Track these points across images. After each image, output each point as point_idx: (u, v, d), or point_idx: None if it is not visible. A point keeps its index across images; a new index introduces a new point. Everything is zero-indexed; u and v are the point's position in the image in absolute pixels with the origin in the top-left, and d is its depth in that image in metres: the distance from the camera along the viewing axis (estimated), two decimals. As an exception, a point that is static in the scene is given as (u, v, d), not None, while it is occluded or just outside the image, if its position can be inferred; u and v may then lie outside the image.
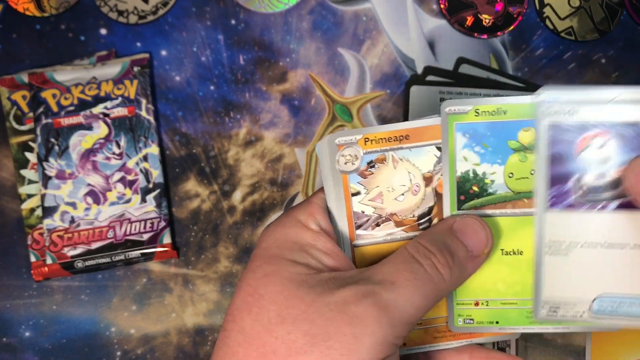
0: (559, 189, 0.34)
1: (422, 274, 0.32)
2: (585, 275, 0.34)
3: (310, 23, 0.54)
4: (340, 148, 0.35)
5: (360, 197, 0.36)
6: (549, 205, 0.34)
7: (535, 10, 0.54)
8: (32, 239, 0.51)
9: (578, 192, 0.34)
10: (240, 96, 0.53)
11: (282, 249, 0.33)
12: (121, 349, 0.51)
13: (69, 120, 0.51)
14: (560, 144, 0.34)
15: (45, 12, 0.54)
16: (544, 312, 0.35)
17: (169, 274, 0.52)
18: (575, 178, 0.34)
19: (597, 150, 0.34)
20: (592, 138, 0.34)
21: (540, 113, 0.34)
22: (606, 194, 0.34)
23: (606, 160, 0.34)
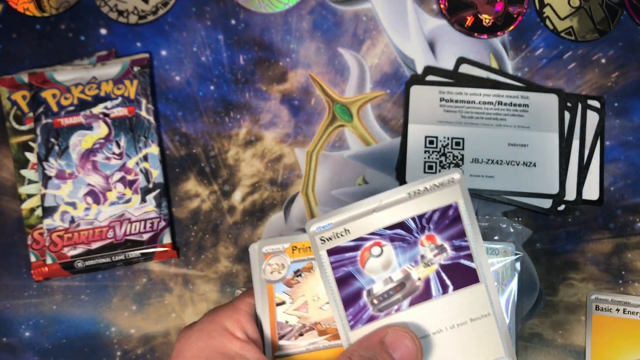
0: (355, 307, 0.36)
1: None
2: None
3: (310, 23, 0.54)
4: (268, 257, 0.36)
5: (285, 307, 0.36)
6: (350, 327, 0.35)
7: (535, 10, 0.54)
8: (32, 239, 0.51)
9: (373, 303, 0.36)
10: (240, 96, 0.53)
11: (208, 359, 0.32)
12: (121, 349, 0.51)
13: (69, 120, 0.51)
14: (344, 265, 0.36)
15: (45, 12, 0.54)
16: None
17: (169, 274, 0.52)
18: (366, 291, 0.36)
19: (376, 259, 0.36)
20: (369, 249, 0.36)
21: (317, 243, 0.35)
22: (397, 295, 0.36)
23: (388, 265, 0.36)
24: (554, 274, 0.51)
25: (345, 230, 0.35)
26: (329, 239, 0.35)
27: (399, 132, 0.53)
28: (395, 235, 0.36)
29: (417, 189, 0.36)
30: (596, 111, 0.52)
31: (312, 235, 0.35)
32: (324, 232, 0.35)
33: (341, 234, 0.35)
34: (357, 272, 0.36)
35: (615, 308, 0.49)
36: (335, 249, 0.36)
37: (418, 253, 0.36)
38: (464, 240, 0.36)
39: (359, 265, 0.36)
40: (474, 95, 0.52)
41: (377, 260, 0.35)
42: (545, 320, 0.50)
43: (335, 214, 0.35)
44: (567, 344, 0.50)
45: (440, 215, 0.36)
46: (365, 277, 0.35)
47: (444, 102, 0.52)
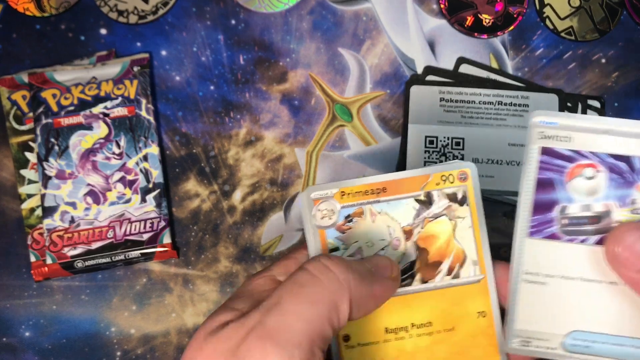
0: (542, 216, 0.33)
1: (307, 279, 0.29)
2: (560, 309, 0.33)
3: (310, 23, 0.54)
4: (316, 202, 0.35)
5: (338, 253, 0.35)
6: (529, 232, 0.34)
7: (535, 10, 0.54)
8: (32, 239, 0.51)
9: (561, 222, 0.33)
10: (240, 96, 0.53)
11: (233, 297, 0.32)
12: (121, 349, 0.51)
13: (69, 120, 0.51)
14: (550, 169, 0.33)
15: (45, 12, 0.54)
16: (516, 343, 0.34)
17: (169, 274, 0.52)
18: (560, 207, 0.33)
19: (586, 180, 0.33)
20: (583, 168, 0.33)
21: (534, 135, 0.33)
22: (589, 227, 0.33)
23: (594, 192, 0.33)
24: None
25: (567, 137, 0.33)
26: (548, 137, 0.33)
27: (399, 132, 0.53)
28: (615, 166, 0.33)
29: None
30: (596, 111, 0.52)
31: (533, 126, 0.33)
32: (546, 127, 0.33)
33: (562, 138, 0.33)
34: (560, 183, 0.33)
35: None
36: (549, 149, 0.33)
37: (630, 196, 0.33)
38: None
39: (564, 178, 0.33)
40: (474, 95, 0.52)
41: (585, 182, 0.33)
42: (545, 320, 0.50)
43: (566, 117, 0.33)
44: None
45: None
46: (566, 192, 0.33)
47: (444, 102, 0.52)
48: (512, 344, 0.34)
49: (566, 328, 0.33)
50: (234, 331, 0.28)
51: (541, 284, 0.34)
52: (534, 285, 0.34)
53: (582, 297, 0.33)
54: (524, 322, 0.34)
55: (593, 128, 0.33)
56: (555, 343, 0.33)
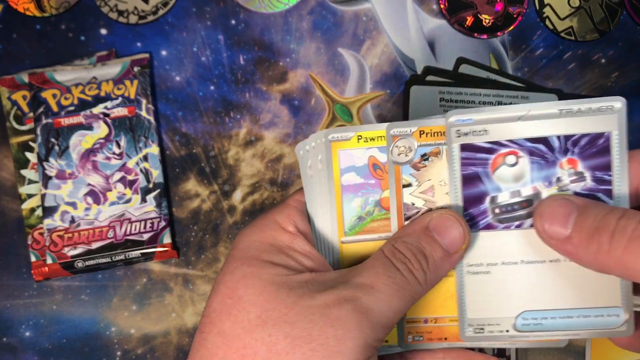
0: (475, 209, 0.34)
1: (399, 278, 0.32)
2: (507, 293, 0.34)
3: (310, 23, 0.54)
4: (395, 139, 0.35)
5: (411, 189, 0.35)
6: None
7: (535, 10, 0.54)
8: (32, 239, 0.51)
9: (494, 212, 0.34)
10: (240, 96, 0.53)
11: (260, 250, 0.33)
12: (121, 349, 0.51)
13: (69, 120, 0.51)
14: (473, 164, 0.34)
15: (45, 12, 0.54)
16: (470, 332, 0.35)
17: (169, 274, 0.52)
18: (490, 198, 0.34)
19: (510, 168, 0.34)
20: (504, 156, 0.34)
21: (452, 135, 0.34)
22: (522, 211, 0.34)
23: (520, 178, 0.34)
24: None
25: (484, 130, 0.34)
26: (466, 134, 0.34)
27: (399, 132, 0.53)
28: (535, 149, 0.34)
29: (571, 108, 0.33)
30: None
31: (449, 126, 0.34)
32: (462, 125, 0.34)
33: (479, 132, 0.34)
34: (485, 175, 0.34)
35: (615, 308, 0.49)
36: (469, 145, 0.34)
37: (554, 174, 0.34)
38: (607, 174, 0.33)
39: (489, 169, 0.34)
40: (474, 95, 0.52)
41: (509, 169, 0.34)
42: (545, 320, 0.50)
43: (478, 111, 0.34)
44: (567, 344, 0.50)
45: (588, 141, 0.33)
46: (493, 183, 0.34)
47: (444, 102, 0.52)
48: (467, 333, 0.35)
49: (516, 310, 0.34)
50: (320, 293, 0.31)
51: (485, 273, 0.35)
52: (478, 276, 0.35)
53: (527, 278, 0.34)
54: (474, 311, 0.35)
55: (506, 117, 0.34)
56: (507, 326, 0.34)
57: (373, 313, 0.31)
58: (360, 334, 0.30)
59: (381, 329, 0.31)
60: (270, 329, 0.30)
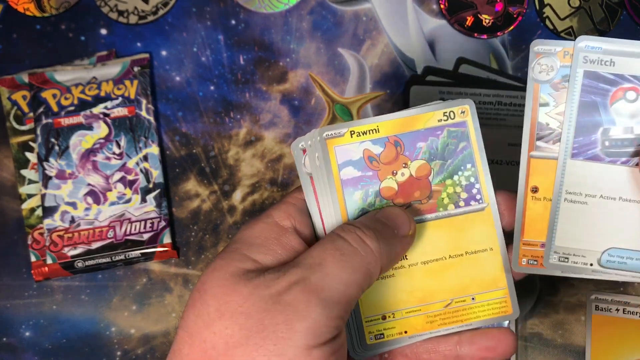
0: (585, 138, 0.34)
1: (347, 248, 0.32)
2: (599, 227, 0.34)
3: (310, 23, 0.54)
4: (538, 56, 0.35)
5: (547, 109, 0.35)
6: (572, 154, 0.34)
7: (535, 10, 0.54)
8: (32, 239, 0.51)
9: (604, 144, 0.34)
10: (240, 96, 0.53)
11: (242, 242, 0.34)
12: (121, 349, 0.51)
13: (69, 120, 0.51)
14: (593, 93, 0.34)
15: (45, 12, 0.54)
16: (555, 259, 0.35)
17: (169, 274, 0.52)
18: (602, 129, 0.34)
19: (628, 103, 0.34)
20: (625, 91, 0.34)
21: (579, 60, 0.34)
22: (631, 148, 0.34)
23: (636, 115, 0.34)
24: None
25: (611, 61, 0.34)
26: (592, 62, 0.34)
27: (399, 132, 0.53)
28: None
29: None
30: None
31: (577, 51, 0.34)
32: (590, 52, 0.34)
33: (606, 62, 0.34)
34: (603, 106, 0.34)
35: (615, 308, 0.49)
36: (593, 73, 0.34)
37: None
38: None
39: (607, 101, 0.34)
40: (474, 95, 0.52)
41: (628, 104, 0.34)
42: (545, 320, 0.50)
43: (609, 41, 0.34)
44: (567, 344, 0.50)
45: None
46: (609, 115, 0.34)
47: (444, 102, 0.52)
48: (551, 259, 0.35)
49: (604, 245, 0.34)
50: (273, 281, 0.31)
51: (582, 203, 0.35)
52: (575, 205, 0.35)
53: (621, 216, 0.34)
54: (563, 239, 0.35)
55: (636, 52, 0.33)
56: (592, 259, 0.35)
57: (322, 290, 0.30)
58: (310, 315, 0.30)
59: (335, 305, 0.30)
60: (227, 322, 0.30)
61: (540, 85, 0.35)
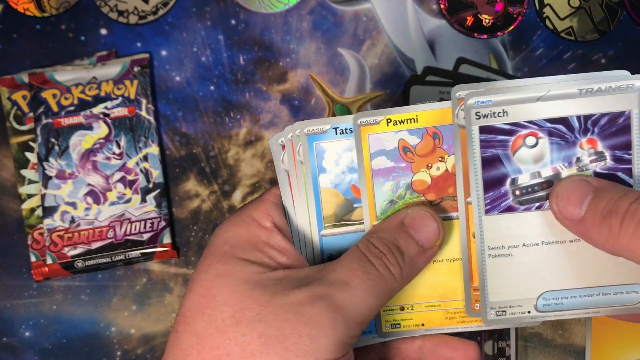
0: (495, 192, 0.34)
1: (374, 274, 0.32)
2: (528, 275, 0.34)
3: (310, 23, 0.54)
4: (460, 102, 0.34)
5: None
6: (485, 210, 0.34)
7: (535, 10, 0.54)
8: (32, 239, 0.51)
9: (514, 194, 0.34)
10: (240, 96, 0.53)
11: (234, 247, 0.33)
12: (121, 349, 0.51)
13: (69, 120, 0.51)
14: (493, 146, 0.34)
15: (45, 12, 0.54)
16: (493, 314, 0.35)
17: (169, 274, 0.52)
18: (510, 180, 0.34)
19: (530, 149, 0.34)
20: (524, 137, 0.34)
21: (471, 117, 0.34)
22: (542, 192, 0.34)
23: (540, 159, 0.34)
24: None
25: (503, 112, 0.33)
26: (485, 116, 0.34)
27: (399, 132, 0.53)
28: (554, 130, 0.33)
29: (591, 87, 0.33)
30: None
31: (468, 108, 0.34)
32: (481, 107, 0.33)
33: (499, 114, 0.33)
34: (505, 157, 0.34)
35: (615, 308, 0.49)
36: (488, 127, 0.34)
37: (574, 155, 0.34)
38: (627, 153, 0.33)
39: (509, 151, 0.34)
40: (474, 95, 0.52)
41: (529, 151, 0.34)
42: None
43: (496, 92, 0.33)
44: (567, 344, 0.50)
45: (608, 120, 0.33)
46: (513, 165, 0.34)
47: (444, 102, 0.52)
48: (489, 316, 0.35)
49: (537, 291, 0.35)
50: (292, 290, 0.31)
51: (506, 255, 0.35)
52: (499, 259, 0.35)
53: (548, 259, 0.34)
54: (496, 294, 0.35)
55: (525, 98, 0.33)
56: (529, 307, 0.35)
57: (347, 310, 0.30)
58: (334, 333, 0.30)
59: (356, 325, 0.31)
60: (244, 329, 0.30)
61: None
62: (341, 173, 0.35)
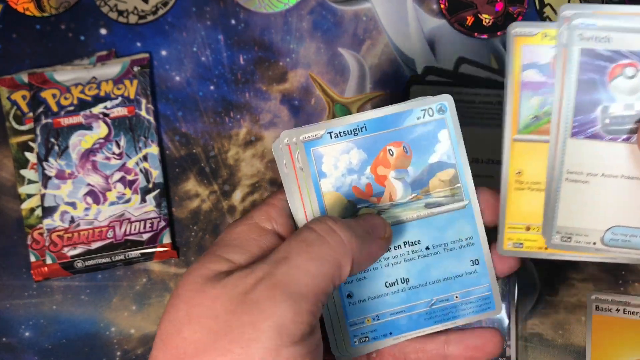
0: (584, 117, 0.33)
1: (314, 238, 0.30)
2: (601, 206, 0.34)
3: (310, 23, 0.54)
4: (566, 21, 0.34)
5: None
6: (572, 132, 0.34)
7: (535, 10, 0.54)
8: (32, 239, 0.51)
9: (604, 122, 0.33)
10: (240, 96, 0.53)
11: (220, 245, 0.33)
12: (121, 349, 0.51)
13: (68, 120, 0.51)
14: (591, 70, 0.33)
15: (45, 12, 0.54)
16: (557, 239, 0.34)
17: (169, 274, 0.52)
18: (602, 107, 0.33)
19: (627, 80, 0.33)
20: (624, 67, 0.33)
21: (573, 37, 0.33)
22: (632, 125, 0.33)
23: (636, 91, 0.33)
24: (554, 273, 0.51)
25: (607, 38, 0.33)
26: (588, 39, 0.33)
27: (399, 132, 0.53)
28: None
29: None
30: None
31: (572, 28, 0.33)
32: (585, 29, 0.33)
33: (602, 39, 0.33)
34: (601, 83, 0.33)
35: (616, 308, 0.49)
36: (589, 51, 0.33)
37: None
38: None
39: (606, 78, 0.33)
40: (474, 95, 0.52)
41: (627, 81, 0.33)
42: (545, 320, 0.50)
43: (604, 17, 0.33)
44: (567, 344, 0.50)
45: None
46: (608, 92, 0.33)
47: (444, 102, 0.52)
48: (554, 240, 0.34)
49: (606, 224, 0.34)
50: (241, 279, 0.29)
51: (583, 182, 0.34)
52: (576, 184, 0.34)
53: (623, 194, 0.34)
54: (565, 219, 0.34)
55: (632, 27, 0.33)
56: (595, 238, 0.34)
57: (288, 285, 0.29)
58: (274, 313, 0.28)
59: (303, 299, 0.29)
60: (195, 326, 0.29)
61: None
62: (341, 176, 0.35)
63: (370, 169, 0.36)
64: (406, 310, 0.36)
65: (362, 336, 0.36)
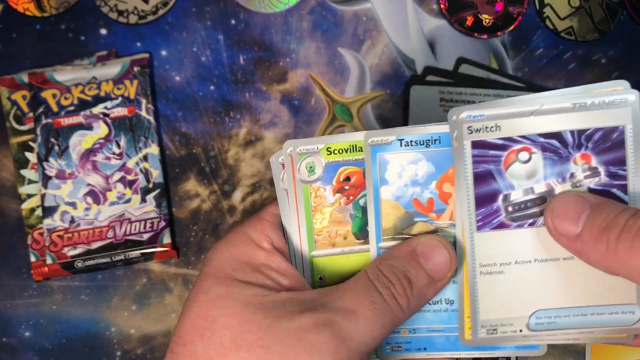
0: (487, 208, 0.33)
1: (381, 304, 0.31)
2: (520, 293, 0.34)
3: (310, 23, 0.54)
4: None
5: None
6: (477, 227, 0.34)
7: (535, 10, 0.54)
8: (32, 239, 0.51)
9: (507, 210, 0.33)
10: (240, 96, 0.53)
11: (234, 269, 0.32)
12: (121, 349, 0.51)
13: (69, 120, 0.51)
14: (486, 162, 0.33)
15: (45, 12, 0.54)
16: (483, 333, 0.34)
17: (169, 274, 0.52)
18: (502, 196, 0.33)
19: (523, 164, 0.33)
20: (517, 152, 0.33)
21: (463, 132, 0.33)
22: (535, 209, 0.33)
23: (533, 175, 0.33)
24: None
25: (496, 126, 0.33)
26: (477, 131, 0.33)
27: (399, 132, 0.53)
28: (548, 145, 0.33)
29: (584, 102, 0.32)
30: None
31: (460, 123, 0.33)
32: (474, 122, 0.33)
33: (491, 128, 0.33)
34: (498, 172, 0.33)
35: (615, 308, 0.49)
36: (480, 142, 0.33)
37: (568, 170, 0.33)
38: (622, 169, 0.32)
39: (501, 167, 0.33)
40: (474, 95, 0.52)
41: (522, 166, 0.33)
42: (545, 320, 0.50)
43: (489, 106, 0.33)
44: (567, 344, 0.50)
45: (602, 135, 0.32)
46: (506, 180, 0.33)
47: (444, 102, 0.52)
48: (480, 334, 0.34)
49: (529, 309, 0.34)
50: (295, 315, 0.30)
51: (498, 273, 0.34)
52: (491, 276, 0.34)
53: (540, 277, 0.33)
54: (487, 312, 0.34)
55: (518, 112, 0.33)
56: (521, 325, 0.34)
57: (352, 340, 0.30)
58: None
59: (358, 356, 0.30)
60: (244, 354, 0.29)
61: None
62: (404, 186, 0.35)
63: (436, 184, 0.35)
64: (445, 330, 0.35)
65: (395, 345, 0.35)
